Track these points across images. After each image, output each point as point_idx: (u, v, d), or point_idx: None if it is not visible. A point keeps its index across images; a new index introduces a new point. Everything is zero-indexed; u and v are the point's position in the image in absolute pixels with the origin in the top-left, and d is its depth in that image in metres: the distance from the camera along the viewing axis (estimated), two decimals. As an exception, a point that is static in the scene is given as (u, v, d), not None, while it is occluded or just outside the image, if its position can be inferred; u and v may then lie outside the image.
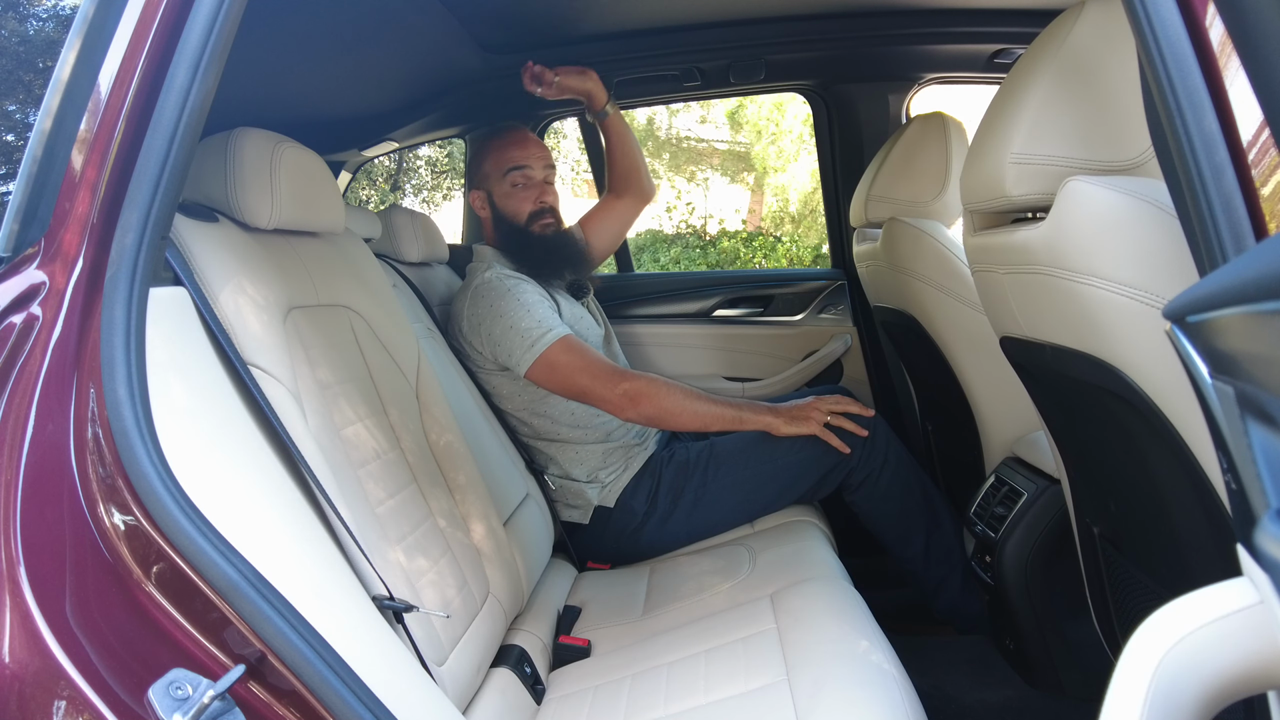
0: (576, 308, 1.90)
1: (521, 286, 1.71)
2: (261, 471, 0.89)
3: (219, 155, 1.07)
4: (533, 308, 1.67)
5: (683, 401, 1.63)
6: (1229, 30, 0.62)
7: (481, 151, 1.88)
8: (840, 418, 1.67)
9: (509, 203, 1.83)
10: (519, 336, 1.65)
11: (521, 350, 1.64)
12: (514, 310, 1.67)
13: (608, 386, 1.61)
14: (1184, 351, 0.54)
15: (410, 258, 1.95)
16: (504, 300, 1.68)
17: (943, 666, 1.67)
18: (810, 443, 1.68)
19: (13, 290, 0.85)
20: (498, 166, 1.84)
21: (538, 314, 1.66)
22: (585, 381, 1.62)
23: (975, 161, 1.09)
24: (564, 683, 1.31)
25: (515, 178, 1.82)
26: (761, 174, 8.55)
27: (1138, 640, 0.48)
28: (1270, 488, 0.43)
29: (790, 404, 1.72)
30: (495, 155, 1.84)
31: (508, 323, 1.66)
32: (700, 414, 1.64)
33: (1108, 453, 1.12)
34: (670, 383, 1.65)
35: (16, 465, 0.77)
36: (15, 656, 0.71)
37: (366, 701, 0.76)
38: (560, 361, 1.63)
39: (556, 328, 1.66)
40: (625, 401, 1.60)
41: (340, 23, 1.53)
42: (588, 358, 1.64)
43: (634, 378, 1.63)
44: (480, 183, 1.87)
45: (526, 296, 1.69)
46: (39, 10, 2.79)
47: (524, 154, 1.83)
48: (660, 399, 1.61)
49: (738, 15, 1.98)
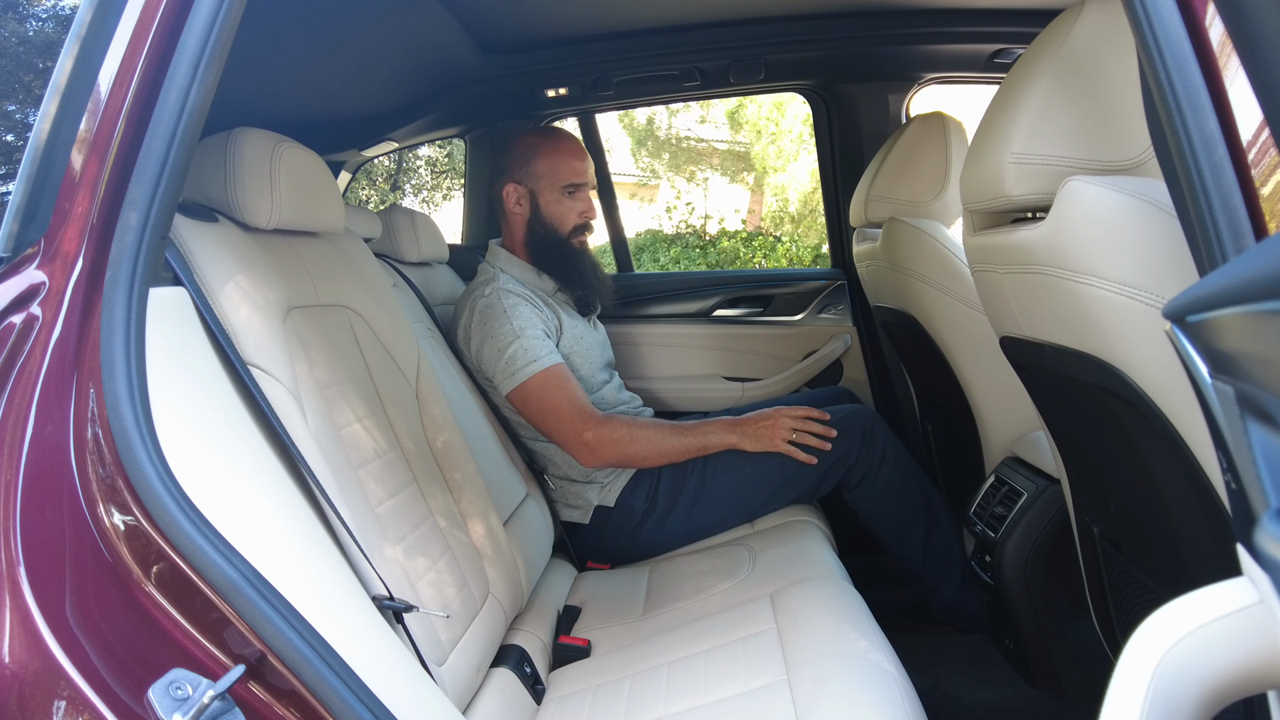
0: (581, 324, 1.89)
1: (519, 309, 1.70)
2: (261, 471, 0.88)
3: (219, 155, 1.07)
4: (524, 332, 1.68)
5: (646, 446, 1.67)
6: (1229, 30, 0.62)
7: (534, 150, 1.82)
8: (804, 435, 1.69)
9: (556, 210, 1.81)
10: (505, 362, 1.67)
11: (504, 375, 1.68)
12: (505, 333, 1.68)
13: (572, 433, 1.65)
14: (1184, 351, 0.54)
15: (410, 257, 1.95)
16: (498, 321, 1.69)
17: (943, 666, 1.67)
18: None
19: (13, 290, 0.85)
20: (554, 173, 1.80)
21: (526, 340, 1.67)
22: (551, 423, 1.67)
23: (975, 161, 1.09)
24: (564, 683, 1.31)
25: (571, 189, 1.81)
26: (761, 174, 8.55)
27: (1138, 640, 0.48)
28: (1270, 487, 0.43)
29: (755, 416, 1.73)
30: (553, 160, 1.81)
31: (496, 345, 1.68)
32: (665, 454, 1.69)
33: (1108, 453, 1.12)
34: (635, 423, 1.68)
35: (16, 465, 0.77)
36: (15, 656, 0.71)
37: (366, 701, 0.76)
38: (534, 395, 1.67)
39: (542, 358, 1.66)
40: (586, 452, 1.65)
41: (340, 23, 1.53)
42: (561, 397, 1.66)
43: (599, 424, 1.65)
44: (526, 180, 1.81)
45: (520, 320, 1.69)
46: (39, 10, 2.79)
47: (583, 167, 1.83)
48: (623, 447, 1.66)
49: (738, 15, 1.98)
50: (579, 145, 1.86)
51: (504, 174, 1.84)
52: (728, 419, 1.75)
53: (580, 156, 1.84)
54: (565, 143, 1.84)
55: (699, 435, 1.70)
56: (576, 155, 1.83)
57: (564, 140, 1.85)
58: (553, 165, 1.81)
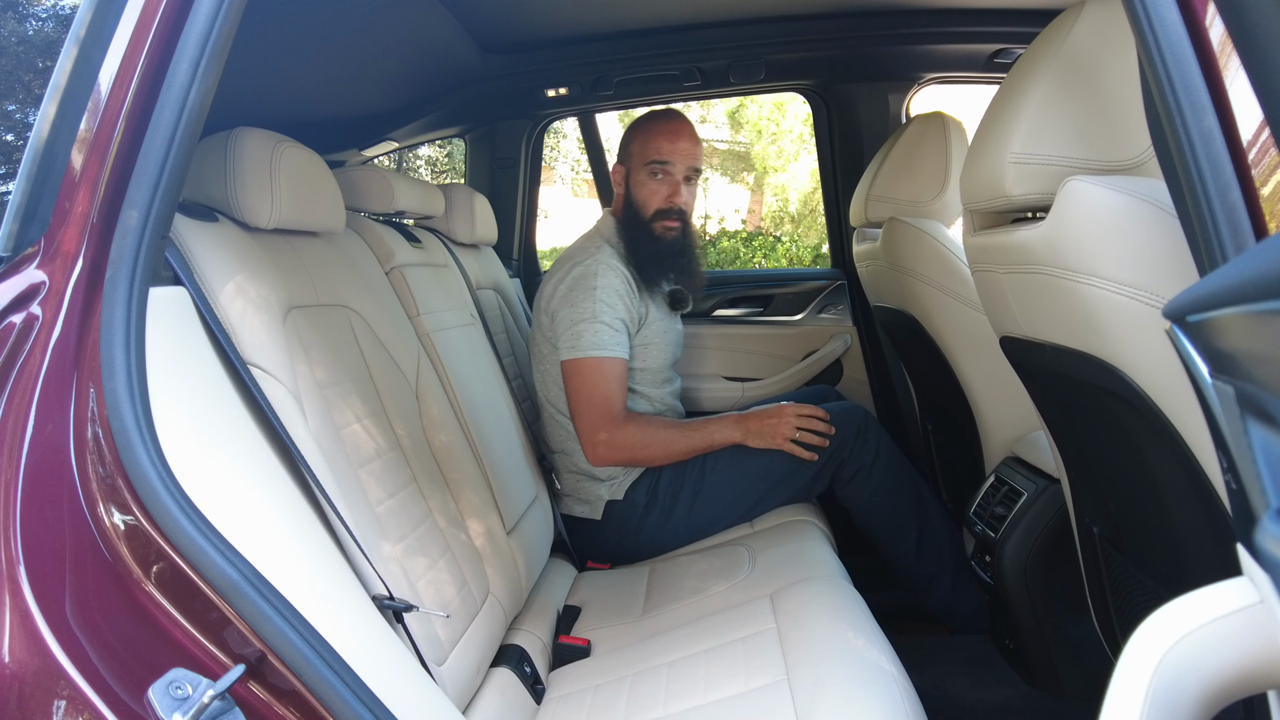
0: (668, 319, 1.89)
1: (610, 292, 1.71)
2: (261, 471, 0.88)
3: (219, 155, 1.07)
4: (601, 317, 1.70)
5: (655, 451, 1.72)
6: (1229, 30, 0.62)
7: (635, 129, 1.83)
8: (807, 434, 1.71)
9: (641, 191, 1.80)
10: (573, 334, 1.70)
11: (567, 343, 1.71)
12: (585, 309, 1.70)
13: (591, 427, 1.69)
14: (1184, 351, 0.54)
15: (463, 238, 1.97)
16: (585, 295, 1.71)
17: (942, 666, 1.67)
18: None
19: (13, 290, 0.85)
20: (642, 151, 1.79)
21: (601, 326, 1.69)
22: (581, 406, 1.70)
23: (975, 161, 1.09)
24: (564, 682, 1.31)
25: (655, 169, 1.78)
26: (761, 174, 8.55)
27: (1138, 640, 0.48)
28: (1270, 487, 0.43)
29: (760, 411, 1.75)
30: (642, 138, 1.79)
31: (572, 314, 1.71)
32: (671, 457, 1.73)
33: (1108, 452, 1.12)
34: (649, 429, 1.72)
35: (16, 465, 0.77)
36: (15, 656, 0.71)
37: (366, 701, 0.76)
38: (581, 375, 1.70)
39: (607, 347, 1.69)
40: (593, 450, 1.70)
41: (340, 22, 1.53)
42: (601, 389, 1.69)
43: (616, 429, 1.68)
44: (624, 159, 1.85)
45: (605, 305, 1.70)
46: (39, 10, 2.79)
47: (671, 148, 1.77)
48: (632, 453, 1.71)
49: (737, 15, 1.98)
50: (678, 126, 1.79)
51: (618, 156, 1.88)
52: (734, 415, 1.77)
53: (670, 135, 1.77)
54: (662, 121, 1.80)
55: (705, 435, 1.74)
56: (666, 134, 1.77)
57: (663, 119, 1.80)
58: (641, 144, 1.79)
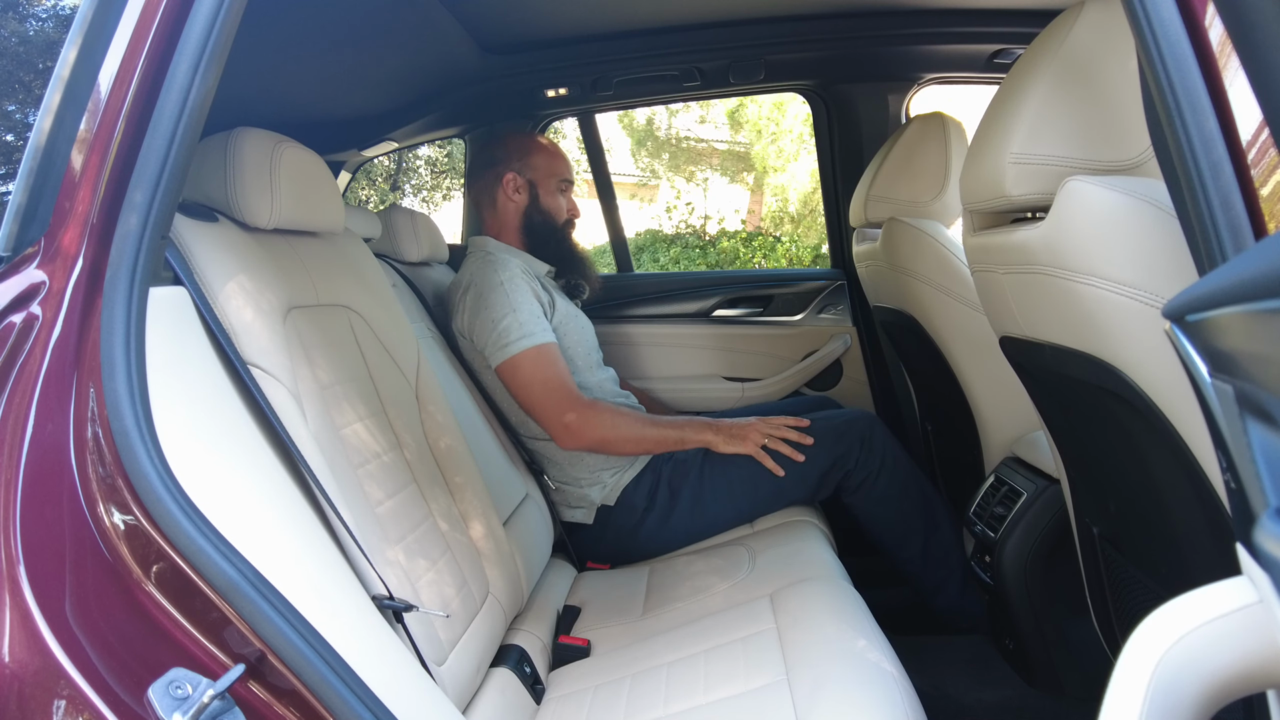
0: (571, 306, 1.95)
1: (516, 283, 1.74)
2: (261, 471, 0.88)
3: (219, 155, 1.07)
4: (519, 307, 1.70)
5: (625, 432, 1.70)
6: (1229, 30, 0.62)
7: (532, 145, 1.96)
8: (778, 441, 1.70)
9: (552, 202, 1.95)
10: (498, 334, 1.69)
11: (496, 347, 1.70)
12: (500, 306, 1.70)
13: (555, 413, 1.67)
14: (1183, 351, 0.54)
15: (410, 257, 1.95)
16: (494, 293, 1.72)
17: (943, 666, 1.67)
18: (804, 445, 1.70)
19: (13, 290, 0.85)
20: (551, 168, 1.94)
21: (522, 315, 1.70)
22: (537, 399, 1.69)
23: (975, 161, 1.09)
24: (563, 682, 1.31)
25: (563, 186, 1.97)
26: (761, 174, 8.55)
27: (1137, 640, 0.48)
28: (1269, 487, 0.43)
29: (730, 421, 1.76)
30: (550, 157, 1.95)
31: (490, 316, 1.71)
32: (642, 442, 1.73)
33: (1107, 453, 1.12)
34: (618, 411, 1.72)
35: (16, 465, 0.77)
36: (15, 656, 0.71)
37: (366, 701, 0.76)
38: (523, 370, 1.69)
39: (536, 334, 1.69)
40: (566, 434, 1.68)
41: (340, 22, 1.53)
42: (549, 374, 1.68)
43: (582, 407, 1.67)
44: (525, 171, 1.92)
45: (516, 295, 1.72)
46: (39, 10, 2.79)
47: (569, 170, 1.99)
48: (603, 431, 1.68)
49: (737, 15, 1.98)
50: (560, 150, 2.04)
51: (501, 164, 1.92)
52: (706, 419, 1.79)
53: (565, 160, 2.00)
54: (551, 146, 2.01)
55: (676, 430, 1.74)
56: (562, 159, 2.00)
57: (546, 144, 2.01)
58: (550, 161, 1.95)
